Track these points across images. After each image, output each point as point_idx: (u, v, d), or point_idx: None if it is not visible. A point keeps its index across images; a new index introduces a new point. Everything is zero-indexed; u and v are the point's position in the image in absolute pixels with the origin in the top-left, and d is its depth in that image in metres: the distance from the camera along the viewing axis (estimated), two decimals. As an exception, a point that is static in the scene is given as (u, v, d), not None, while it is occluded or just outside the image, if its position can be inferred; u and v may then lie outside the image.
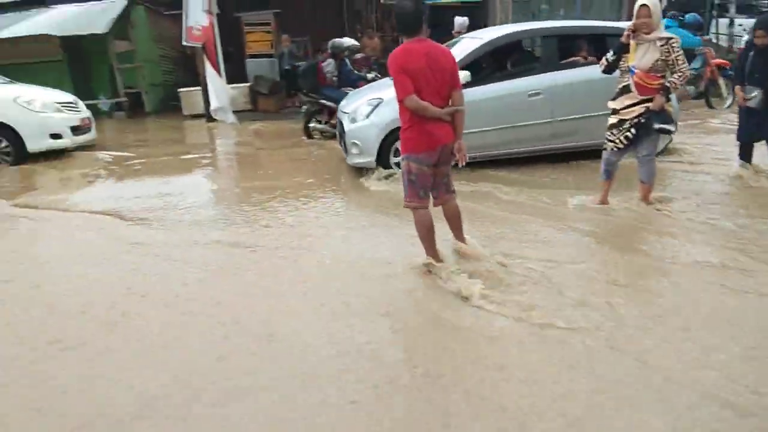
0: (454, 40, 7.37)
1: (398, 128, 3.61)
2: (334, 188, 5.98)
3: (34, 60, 12.77)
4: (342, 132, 6.37)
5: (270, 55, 13.23)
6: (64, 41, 12.63)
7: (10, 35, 12.39)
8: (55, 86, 11.69)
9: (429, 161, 3.31)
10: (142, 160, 8.00)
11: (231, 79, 11.90)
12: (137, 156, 8.24)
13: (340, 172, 6.58)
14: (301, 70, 8.95)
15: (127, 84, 13.08)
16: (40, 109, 7.76)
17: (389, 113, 5.61)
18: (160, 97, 13.79)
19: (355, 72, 9.00)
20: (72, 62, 12.96)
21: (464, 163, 3.43)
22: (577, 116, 6.27)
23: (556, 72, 6.29)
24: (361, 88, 7.52)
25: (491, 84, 6.21)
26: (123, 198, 5.79)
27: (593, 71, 5.21)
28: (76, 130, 8.06)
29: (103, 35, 11.81)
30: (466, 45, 6.46)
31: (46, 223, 5.16)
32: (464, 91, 3.50)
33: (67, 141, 7.93)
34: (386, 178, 5.92)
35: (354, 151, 6.07)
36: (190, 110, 12.28)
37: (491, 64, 7.01)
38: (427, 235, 3.47)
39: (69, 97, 8.53)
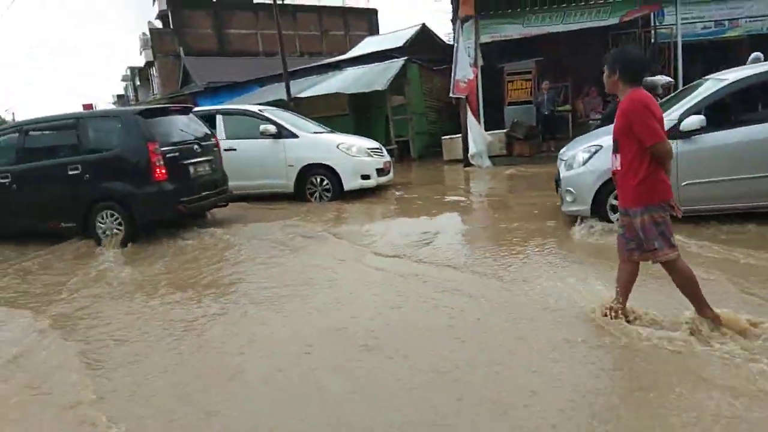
0: (696, 81, 6.51)
1: None
2: (547, 236, 5.78)
3: (329, 114, 15.32)
4: (558, 179, 6.19)
5: (528, 102, 13.55)
6: (350, 97, 14.87)
7: (312, 94, 15.07)
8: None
9: (666, 209, 3.19)
10: (414, 196, 9.09)
11: (489, 126, 12.50)
12: (414, 195, 9.26)
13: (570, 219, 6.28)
14: (607, 113, 8.97)
15: (398, 133, 14.70)
16: (356, 153, 8.99)
17: (607, 161, 5.30)
18: (424, 144, 15.16)
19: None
20: (356, 115, 15.13)
21: (681, 215, 3.26)
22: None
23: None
24: (581, 136, 7.17)
25: (735, 128, 5.35)
26: (395, 234, 6.52)
27: None
28: (380, 171, 9.21)
29: (382, 92, 13.58)
30: (707, 87, 5.62)
31: (338, 245, 6.17)
32: (703, 136, 3.21)
33: (373, 181, 9.07)
34: (599, 229, 5.53)
35: (568, 198, 5.83)
36: (450, 155, 13.23)
37: (738, 106, 6.04)
38: (697, 284, 3.22)
39: (375, 144, 9.79)
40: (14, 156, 7.25)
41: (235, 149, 9.07)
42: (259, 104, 18.05)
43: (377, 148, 9.50)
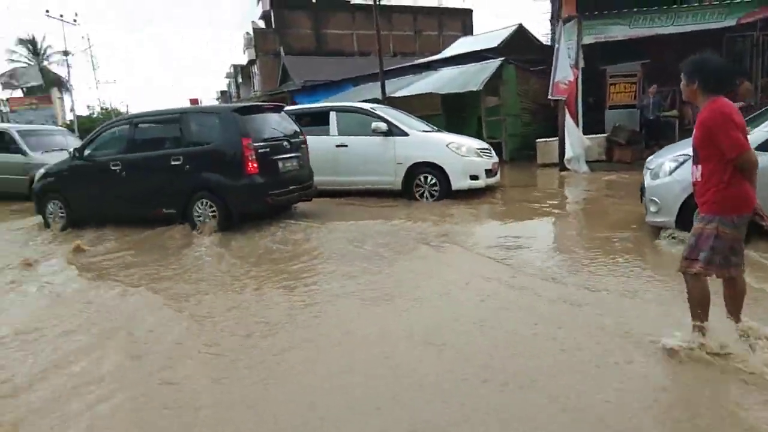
0: None
1: None
2: (629, 247, 5.59)
3: (421, 114, 15.38)
4: (643, 188, 5.99)
5: (631, 106, 12.93)
6: (443, 97, 14.86)
7: (406, 94, 15.22)
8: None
9: (744, 222, 3.07)
10: (511, 199, 9.02)
11: (588, 130, 12.07)
12: (511, 198, 9.16)
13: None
14: None
15: (490, 134, 14.52)
16: (465, 153, 8.83)
17: None
18: (517, 147, 14.87)
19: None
20: (448, 115, 15.11)
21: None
22: None
23: None
24: (673, 144, 6.75)
25: None
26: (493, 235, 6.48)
27: None
28: (488, 172, 9.04)
29: (475, 92, 13.48)
30: None
31: (447, 248, 6.05)
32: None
33: (482, 182, 8.89)
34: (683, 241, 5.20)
35: (652, 209, 5.61)
36: (544, 159, 12.89)
37: None
38: (707, 303, 3.17)
39: (484, 144, 9.64)
40: (125, 146, 7.88)
41: (346, 145, 9.32)
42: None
43: (486, 149, 9.37)
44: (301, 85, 25.11)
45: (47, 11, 35.44)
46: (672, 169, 5.47)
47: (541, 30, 23.36)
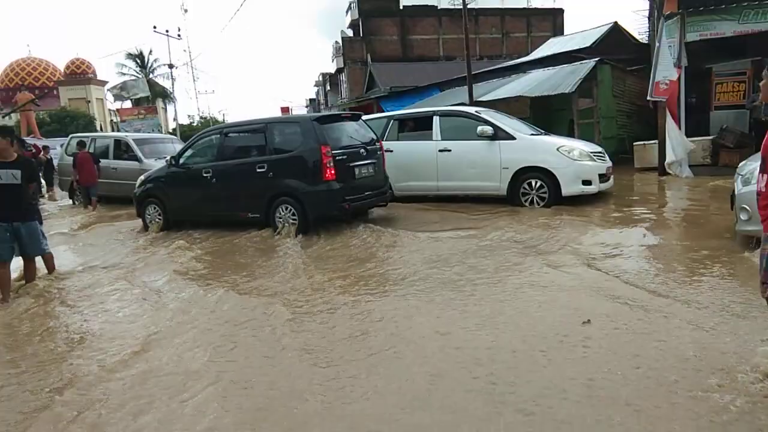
0: None
1: None
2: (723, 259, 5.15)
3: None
4: (733, 195, 5.61)
5: (740, 106, 12.03)
6: (532, 100, 14.53)
7: (494, 98, 15.02)
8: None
9: None
10: (619, 206, 8.51)
11: (691, 132, 11.36)
12: (618, 205, 8.62)
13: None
14: None
15: (583, 137, 13.99)
16: (578, 157, 8.35)
17: None
18: (611, 150, 14.18)
19: None
20: (536, 118, 14.74)
21: None
22: None
23: None
24: None
25: None
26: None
27: None
28: (602, 177, 8.53)
29: (566, 94, 13.06)
30: None
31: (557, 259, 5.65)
32: None
33: (595, 187, 8.37)
34: None
35: (743, 217, 5.23)
36: (642, 163, 12.27)
37: None
38: None
39: (597, 148, 9.14)
40: (215, 154, 8.43)
41: (449, 150, 9.11)
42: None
43: (599, 152, 8.90)
44: (387, 92, 25.45)
45: (154, 27, 38.25)
46: None
47: (637, 28, 22.13)
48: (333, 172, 7.41)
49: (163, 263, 6.80)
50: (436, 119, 9.45)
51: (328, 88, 47.01)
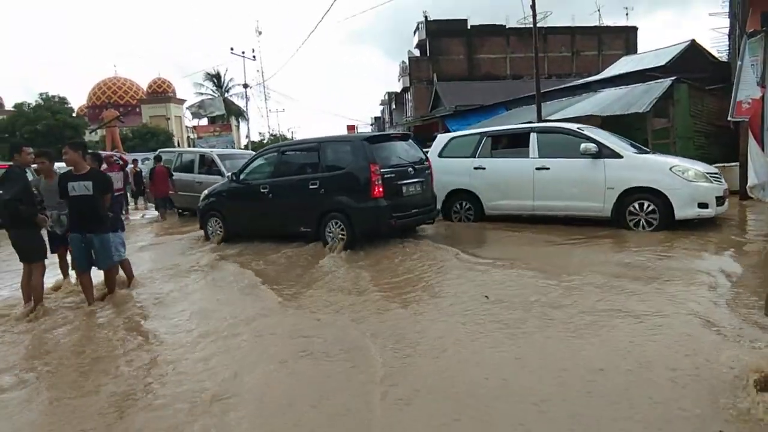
0: None
1: None
2: None
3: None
4: None
5: (832, 127, 11.30)
6: (604, 119, 14.20)
7: (564, 117, 14.81)
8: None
9: None
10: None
11: (776, 154, 10.77)
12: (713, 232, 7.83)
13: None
14: None
15: (657, 158, 13.54)
16: (693, 178, 7.81)
17: None
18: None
19: None
20: (608, 139, 14.40)
21: None
22: None
23: None
24: None
25: None
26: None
27: None
28: (719, 200, 7.97)
29: (639, 114, 12.71)
30: None
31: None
32: None
33: (711, 211, 7.79)
34: None
35: None
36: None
37: None
38: None
39: (712, 168, 8.62)
40: (272, 171, 8.85)
41: (548, 168, 8.66)
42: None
43: (715, 173, 8.37)
44: (452, 110, 25.55)
45: (231, 49, 40.16)
46: None
47: (715, 46, 21.28)
48: (381, 189, 7.65)
49: (228, 275, 7.10)
50: (533, 136, 9.04)
51: (394, 106, 47.66)
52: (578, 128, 8.91)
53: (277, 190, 8.58)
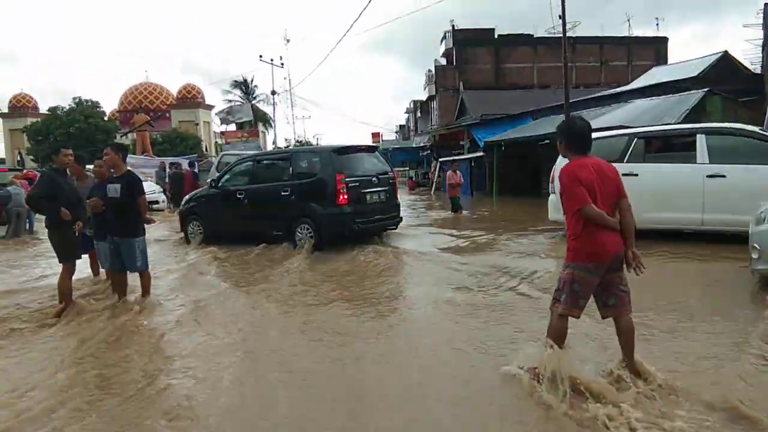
0: None
1: None
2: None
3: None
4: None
5: None
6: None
7: (593, 127, 14.64)
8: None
9: (599, 270, 3.20)
10: None
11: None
12: None
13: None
14: None
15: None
16: None
17: None
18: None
19: None
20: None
21: (641, 273, 3.22)
22: None
23: None
24: None
25: None
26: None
27: None
28: None
29: (673, 125, 12.48)
30: None
31: None
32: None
33: None
34: None
35: (753, 255, 5.18)
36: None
37: None
38: (559, 343, 3.26)
39: None
40: (248, 178, 9.45)
41: (723, 176, 7.37)
42: (535, 137, 18.37)
43: None
44: (478, 119, 25.48)
45: (260, 56, 40.68)
46: None
47: (749, 57, 20.88)
48: (346, 197, 8.30)
49: (204, 271, 7.63)
50: (701, 138, 7.74)
51: (419, 115, 47.72)
52: (761, 129, 7.87)
53: (252, 196, 9.18)
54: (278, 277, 6.90)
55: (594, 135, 3.52)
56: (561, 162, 6.31)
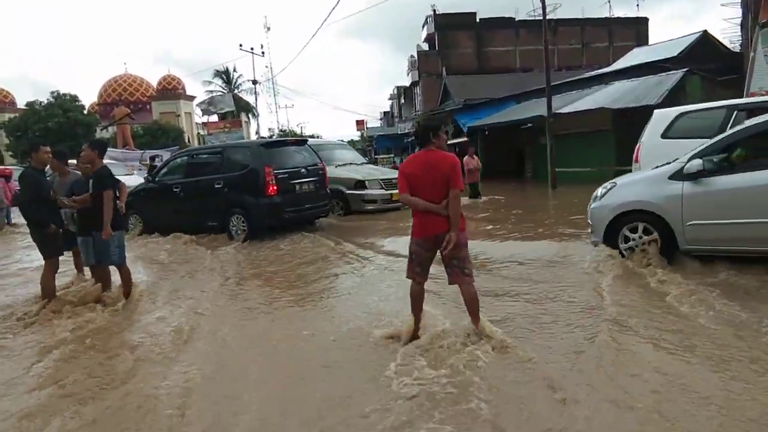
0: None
1: (629, 211, 5.40)
2: None
3: (585, 130, 14.76)
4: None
5: None
6: (613, 112, 14.11)
7: (573, 110, 14.74)
8: (600, 154, 13.06)
9: (425, 245, 3.88)
10: None
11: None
12: None
13: None
14: None
15: (668, 151, 13.43)
16: None
17: (621, 196, 5.62)
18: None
19: None
20: (617, 131, 14.29)
21: (446, 252, 3.73)
22: None
23: None
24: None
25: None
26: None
27: None
28: None
29: (650, 106, 12.60)
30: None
31: None
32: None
33: None
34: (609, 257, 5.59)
35: (589, 230, 6.10)
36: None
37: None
38: (414, 305, 4.00)
39: None
40: (184, 172, 9.88)
41: None
42: (518, 120, 18.41)
43: None
44: (461, 104, 25.47)
45: (240, 45, 40.20)
46: (601, 194, 5.91)
47: (728, 36, 21.03)
48: (275, 188, 8.74)
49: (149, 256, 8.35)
50: None
51: (403, 101, 47.52)
52: None
53: (187, 189, 9.60)
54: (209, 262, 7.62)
55: (686, 108, 3.45)
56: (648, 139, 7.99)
